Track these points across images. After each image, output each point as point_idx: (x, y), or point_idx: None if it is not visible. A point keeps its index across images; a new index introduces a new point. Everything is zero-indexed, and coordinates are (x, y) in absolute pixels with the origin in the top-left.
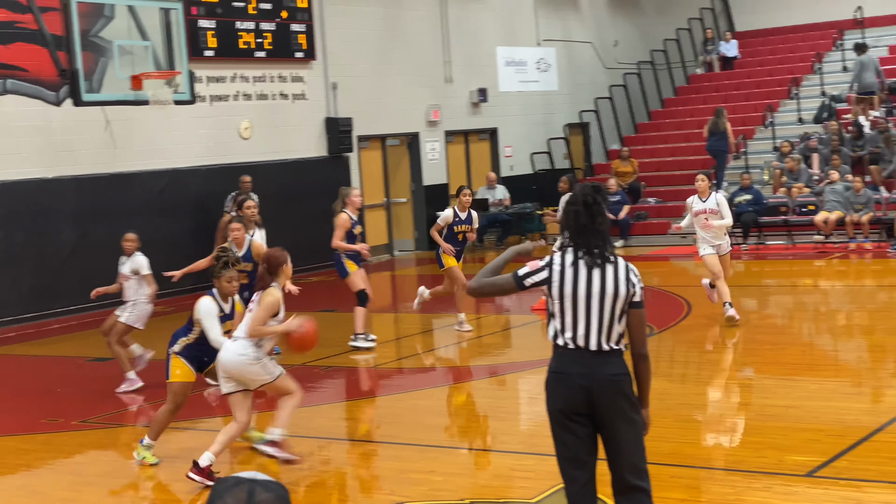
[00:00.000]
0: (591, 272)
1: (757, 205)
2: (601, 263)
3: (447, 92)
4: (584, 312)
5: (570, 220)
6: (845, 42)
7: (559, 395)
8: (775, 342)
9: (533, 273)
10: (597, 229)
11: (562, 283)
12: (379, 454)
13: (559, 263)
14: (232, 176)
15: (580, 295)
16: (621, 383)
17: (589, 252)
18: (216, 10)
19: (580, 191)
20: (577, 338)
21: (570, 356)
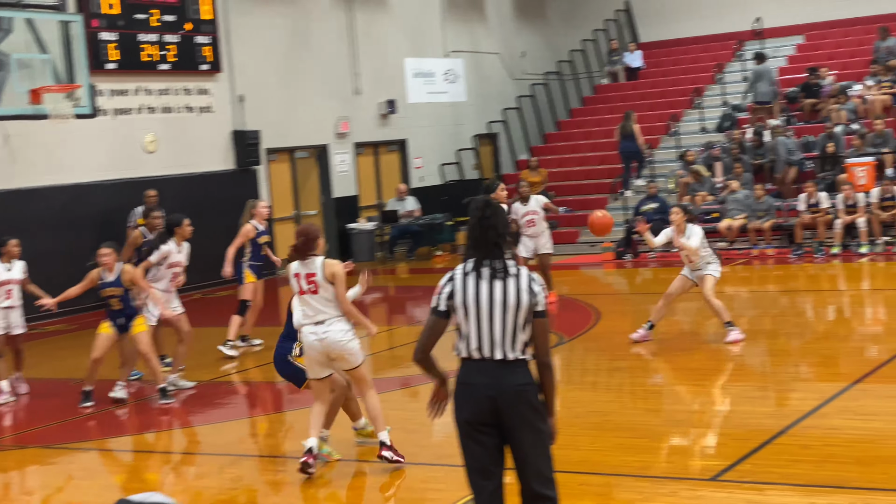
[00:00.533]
0: (493, 283)
1: (663, 213)
2: (502, 274)
3: (356, 104)
4: (488, 323)
5: (468, 233)
6: (745, 53)
7: (465, 406)
8: (682, 348)
9: (440, 294)
10: (491, 242)
11: (464, 294)
12: (288, 469)
13: (461, 275)
14: (137, 190)
15: (482, 305)
16: (527, 393)
17: (489, 264)
18: (118, 22)
19: (473, 205)
20: (482, 348)
21: (475, 367)
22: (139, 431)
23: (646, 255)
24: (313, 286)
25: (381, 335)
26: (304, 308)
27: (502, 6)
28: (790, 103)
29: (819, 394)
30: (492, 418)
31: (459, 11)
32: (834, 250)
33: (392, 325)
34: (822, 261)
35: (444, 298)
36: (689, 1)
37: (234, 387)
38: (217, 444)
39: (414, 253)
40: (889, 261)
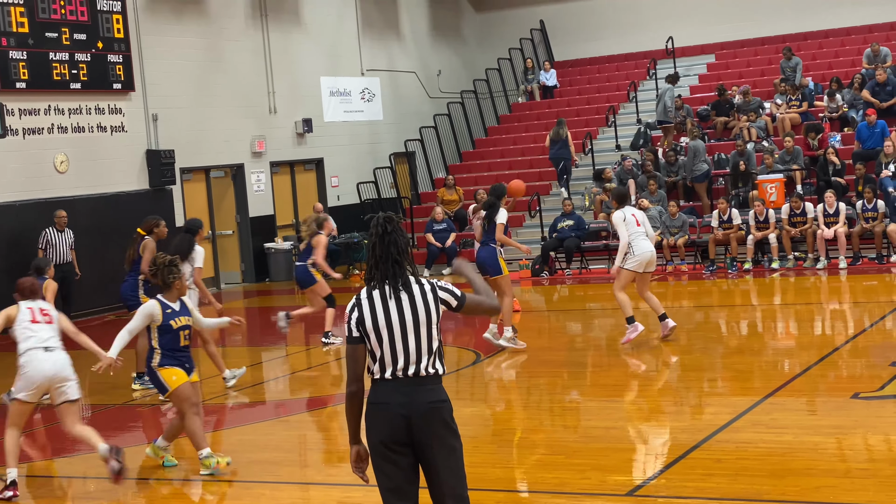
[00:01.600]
0: (400, 299)
1: (579, 230)
2: (406, 290)
3: (272, 122)
4: (401, 341)
5: (368, 251)
6: (658, 71)
7: (379, 427)
8: (598, 364)
9: (349, 321)
10: (393, 258)
11: (373, 315)
12: (204, 491)
13: (366, 297)
14: (47, 211)
15: (393, 323)
16: (441, 410)
17: (391, 282)
18: (27, 40)
19: (373, 222)
20: (396, 367)
21: (388, 386)
22: (51, 455)
23: (562, 273)
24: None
25: (298, 355)
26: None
27: (418, 25)
28: (702, 121)
29: (732, 408)
30: (406, 437)
31: (375, 30)
32: (746, 266)
33: (309, 346)
34: (735, 276)
35: (354, 324)
36: (603, 20)
37: (153, 408)
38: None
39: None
40: (799, 276)
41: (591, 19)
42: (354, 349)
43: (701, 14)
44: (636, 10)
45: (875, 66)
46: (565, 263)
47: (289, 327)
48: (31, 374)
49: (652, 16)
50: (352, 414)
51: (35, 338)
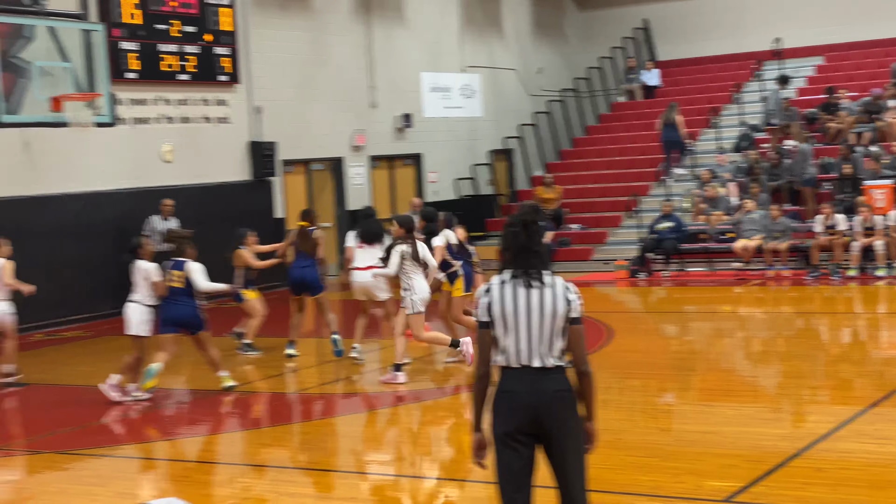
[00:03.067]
0: (529, 291)
1: (678, 232)
2: (538, 283)
3: (372, 117)
4: (525, 331)
5: (509, 241)
6: (764, 73)
7: (505, 416)
8: (694, 368)
9: (479, 306)
10: (534, 250)
11: (502, 303)
12: (300, 481)
13: (498, 285)
14: (152, 199)
15: (520, 313)
16: (565, 399)
17: (526, 272)
18: (139, 32)
19: (519, 211)
20: (520, 356)
21: (514, 375)
22: (153, 439)
23: (659, 274)
24: None
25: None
26: None
27: (520, 22)
28: (809, 124)
29: (834, 417)
30: (530, 427)
31: (477, 27)
32: (851, 273)
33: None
34: (839, 283)
35: (484, 310)
36: (708, 20)
37: (251, 396)
38: (231, 454)
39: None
40: None
41: (695, 19)
42: (484, 333)
43: (809, 15)
44: (742, 11)
45: None
46: (663, 265)
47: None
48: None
49: (758, 16)
50: (478, 398)
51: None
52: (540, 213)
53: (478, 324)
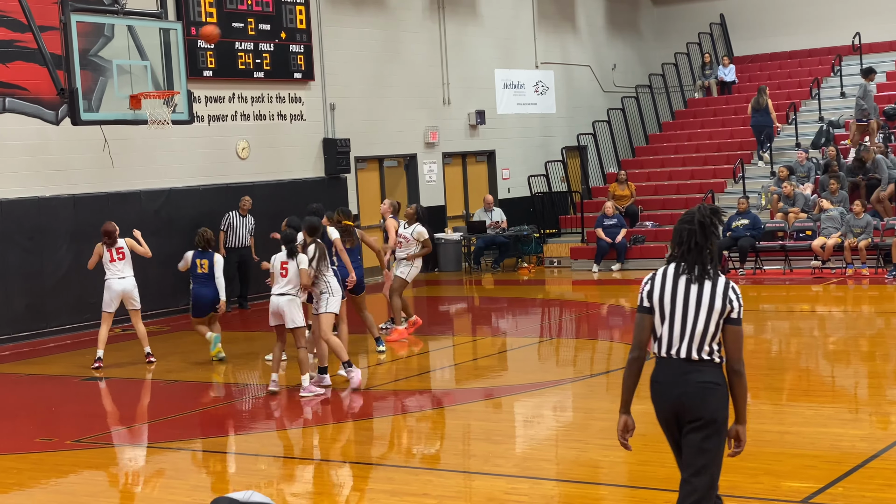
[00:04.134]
0: (690, 285)
1: (754, 230)
2: (701, 279)
3: (445, 114)
4: (680, 322)
5: (683, 237)
6: (843, 68)
7: (658, 404)
8: (771, 367)
9: (641, 292)
10: (707, 248)
11: (661, 293)
12: (372, 476)
13: (661, 275)
14: (228, 196)
15: (677, 305)
16: (711, 391)
17: (691, 268)
18: None
19: (698, 211)
20: (672, 347)
21: (664, 364)
22: (229, 433)
23: (735, 272)
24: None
25: (465, 345)
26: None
27: (594, 18)
28: (889, 120)
29: None
30: (674, 417)
31: (550, 23)
32: None
33: (476, 336)
34: None
35: (646, 296)
36: (786, 15)
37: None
38: (303, 447)
39: (500, 264)
40: None
41: (772, 14)
42: (642, 318)
43: (890, 9)
44: (820, 5)
45: None
46: (738, 263)
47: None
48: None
49: (837, 10)
50: (629, 380)
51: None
52: (719, 215)
53: (637, 307)
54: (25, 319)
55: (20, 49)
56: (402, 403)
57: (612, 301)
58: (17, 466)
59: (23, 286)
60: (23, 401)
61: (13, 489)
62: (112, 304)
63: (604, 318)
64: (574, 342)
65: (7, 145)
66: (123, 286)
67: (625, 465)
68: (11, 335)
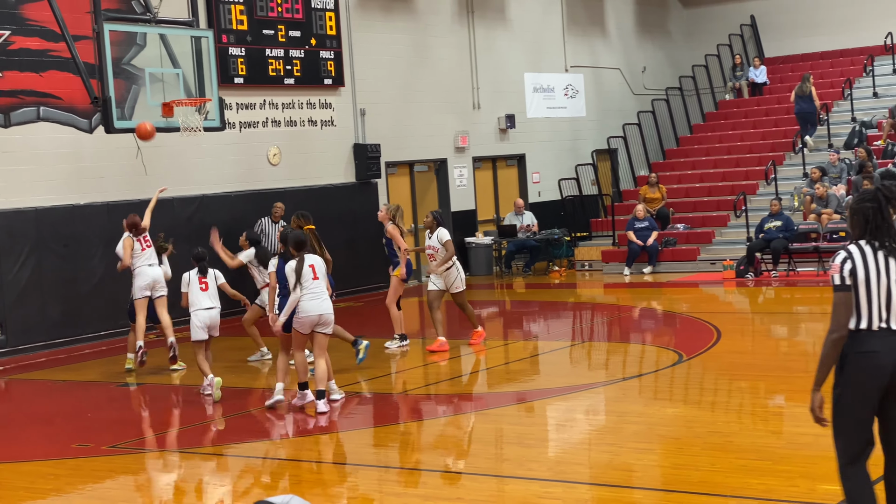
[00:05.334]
0: (889, 259)
1: (787, 231)
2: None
3: (475, 118)
4: (886, 295)
5: (869, 215)
6: (875, 68)
7: (866, 375)
8: (806, 370)
9: (841, 271)
10: (891, 224)
11: (866, 270)
12: (406, 481)
13: (858, 253)
14: (260, 202)
15: (881, 278)
16: None
17: (884, 245)
18: (246, 37)
19: (881, 189)
20: (882, 318)
21: (876, 337)
22: (263, 438)
23: (768, 274)
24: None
25: (496, 349)
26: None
27: (623, 21)
28: None
29: None
30: (885, 387)
31: (580, 26)
32: None
33: (508, 340)
34: None
35: (848, 274)
36: (816, 16)
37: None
38: (338, 453)
39: (531, 268)
40: None
41: (803, 14)
42: (845, 297)
43: None
44: (852, 5)
45: None
46: (772, 265)
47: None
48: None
49: (869, 10)
50: (829, 359)
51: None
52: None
53: (837, 287)
54: (61, 326)
55: (54, 58)
56: (435, 407)
57: (644, 304)
58: (54, 472)
59: (58, 293)
60: (59, 407)
61: (51, 494)
62: (146, 290)
63: (636, 321)
64: (606, 345)
65: (41, 154)
66: (154, 273)
67: (658, 469)
68: (47, 342)
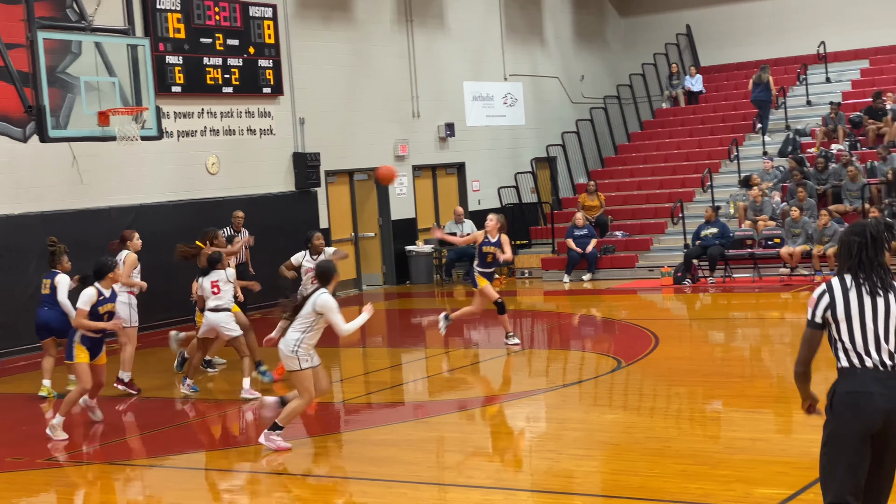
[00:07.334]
0: (875, 297)
1: (723, 238)
2: (884, 289)
3: (415, 127)
4: (873, 332)
5: (853, 250)
6: (809, 77)
7: (857, 416)
8: (742, 375)
9: (816, 307)
10: (879, 262)
11: (846, 306)
12: (346, 490)
13: (838, 289)
14: (199, 211)
15: (866, 315)
16: None
17: (871, 279)
18: (183, 46)
19: (870, 224)
20: (872, 358)
21: (867, 376)
22: (204, 448)
23: (705, 281)
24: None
25: (437, 358)
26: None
27: (562, 30)
28: (854, 128)
29: None
30: (874, 427)
31: (519, 35)
32: None
33: (448, 348)
34: None
35: (822, 310)
36: (751, 25)
37: None
38: (277, 462)
39: (471, 276)
40: None
41: (738, 24)
42: (813, 334)
43: (853, 18)
44: (785, 15)
45: None
46: (709, 272)
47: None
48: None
49: (802, 20)
50: (804, 385)
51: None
52: (892, 229)
53: (807, 322)
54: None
55: None
56: (376, 416)
57: (584, 311)
58: None
59: None
60: None
61: None
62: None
63: (575, 328)
64: (546, 353)
65: None
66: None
67: (598, 475)
68: None
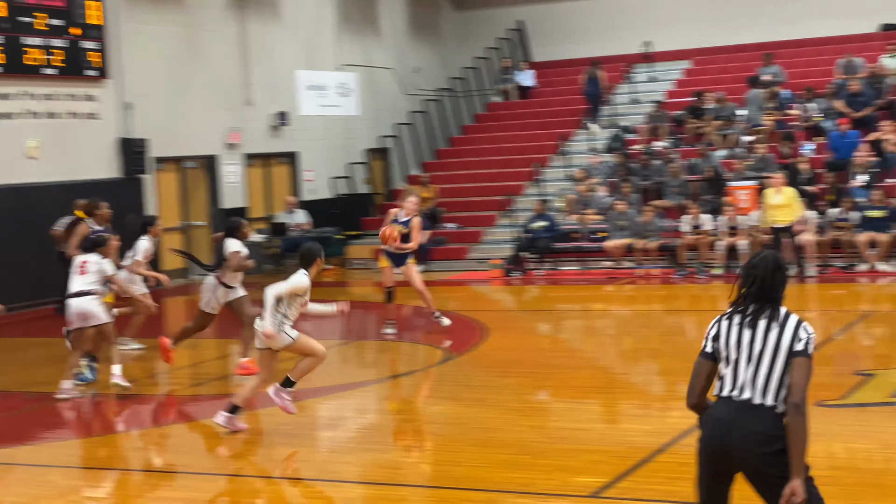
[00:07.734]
0: (755, 328)
1: (551, 231)
2: (768, 321)
3: (247, 115)
4: (745, 365)
5: (751, 283)
6: (634, 75)
7: (704, 438)
8: (567, 366)
9: (707, 336)
10: (773, 297)
11: (727, 336)
12: (169, 484)
13: (727, 318)
14: (17, 197)
15: (743, 346)
16: (759, 440)
17: (761, 313)
18: (2, 24)
19: (767, 256)
20: (734, 387)
21: (720, 403)
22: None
23: (533, 273)
24: None
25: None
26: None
27: (396, 21)
28: (677, 126)
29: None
30: (719, 457)
31: (353, 25)
32: (716, 271)
33: None
34: (705, 281)
35: (710, 340)
36: (580, 23)
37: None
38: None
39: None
40: None
41: (569, 21)
42: (701, 363)
43: (680, 19)
44: (615, 14)
45: (849, 76)
46: (536, 264)
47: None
48: None
49: (631, 19)
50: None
51: None
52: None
53: (700, 353)
54: None
55: None
56: (201, 409)
57: (415, 303)
58: None
59: None
60: None
61: None
62: None
63: (406, 319)
64: (376, 344)
65: None
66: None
67: (424, 466)
68: None
